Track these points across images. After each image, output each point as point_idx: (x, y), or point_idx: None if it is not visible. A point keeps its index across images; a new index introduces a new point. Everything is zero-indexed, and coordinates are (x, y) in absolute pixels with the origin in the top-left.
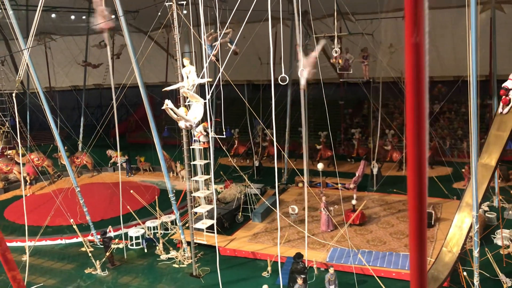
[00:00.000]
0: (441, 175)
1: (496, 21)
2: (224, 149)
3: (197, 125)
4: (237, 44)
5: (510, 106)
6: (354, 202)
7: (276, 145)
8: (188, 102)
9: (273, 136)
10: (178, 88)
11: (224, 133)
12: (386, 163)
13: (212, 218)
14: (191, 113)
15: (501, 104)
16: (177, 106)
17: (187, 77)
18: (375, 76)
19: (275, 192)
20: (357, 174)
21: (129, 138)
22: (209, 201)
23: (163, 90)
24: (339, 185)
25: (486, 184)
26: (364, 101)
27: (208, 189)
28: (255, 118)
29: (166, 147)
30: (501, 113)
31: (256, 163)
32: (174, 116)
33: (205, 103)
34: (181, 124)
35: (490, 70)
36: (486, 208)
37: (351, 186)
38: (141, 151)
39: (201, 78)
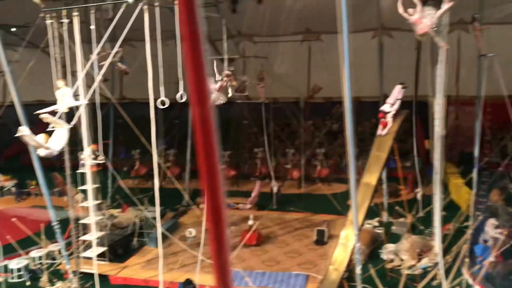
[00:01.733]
0: (338, 192)
1: (385, 46)
2: (112, 171)
3: (59, 149)
4: (129, 63)
5: (388, 128)
6: (250, 222)
7: (178, 166)
8: (52, 127)
9: (176, 156)
10: (54, 110)
11: (108, 155)
12: (287, 181)
13: (104, 245)
14: (53, 140)
15: (380, 126)
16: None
17: (61, 100)
18: (277, 96)
19: (174, 215)
20: (252, 195)
21: (24, 159)
22: (102, 227)
23: (35, 113)
24: (240, 205)
25: (368, 202)
26: (269, 121)
27: (102, 215)
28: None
29: (63, 170)
30: (380, 134)
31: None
32: (32, 143)
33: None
34: (40, 152)
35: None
36: (376, 224)
37: (247, 206)
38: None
39: (76, 100)
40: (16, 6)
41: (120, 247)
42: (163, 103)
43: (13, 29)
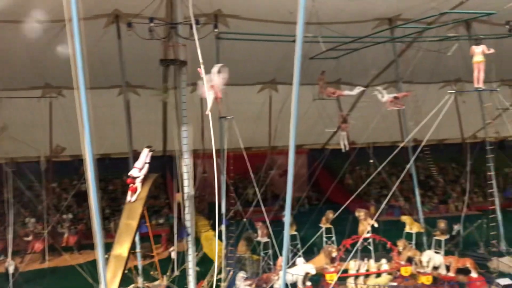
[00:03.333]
0: (89, 261)
1: (132, 103)
2: None
3: None
4: None
5: (137, 194)
6: None
7: None
8: None
9: None
10: None
11: None
12: (28, 255)
13: None
14: None
15: (129, 192)
16: None
17: None
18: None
19: None
20: None
21: None
22: None
23: None
24: None
25: (121, 276)
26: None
27: None
28: None
29: None
30: (130, 201)
31: None
32: None
33: None
34: None
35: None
36: None
37: None
38: None
39: None
40: None
41: None
42: None
43: None
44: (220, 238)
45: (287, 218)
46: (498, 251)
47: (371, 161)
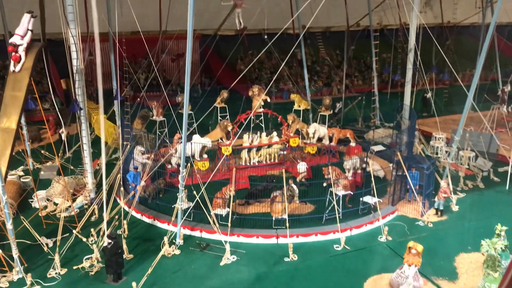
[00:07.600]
0: None
1: None
2: None
3: None
4: None
5: (21, 63)
6: None
7: None
8: None
9: None
10: None
11: None
12: None
13: None
14: None
15: (12, 61)
16: None
17: None
18: None
19: None
20: None
21: None
22: None
23: None
24: None
25: (10, 149)
26: None
27: None
28: None
29: None
30: (13, 71)
31: None
32: None
33: None
34: None
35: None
36: (21, 173)
37: None
38: None
39: None
40: None
41: None
42: None
43: None
44: (112, 119)
45: (186, 91)
46: (374, 124)
47: (266, 37)
